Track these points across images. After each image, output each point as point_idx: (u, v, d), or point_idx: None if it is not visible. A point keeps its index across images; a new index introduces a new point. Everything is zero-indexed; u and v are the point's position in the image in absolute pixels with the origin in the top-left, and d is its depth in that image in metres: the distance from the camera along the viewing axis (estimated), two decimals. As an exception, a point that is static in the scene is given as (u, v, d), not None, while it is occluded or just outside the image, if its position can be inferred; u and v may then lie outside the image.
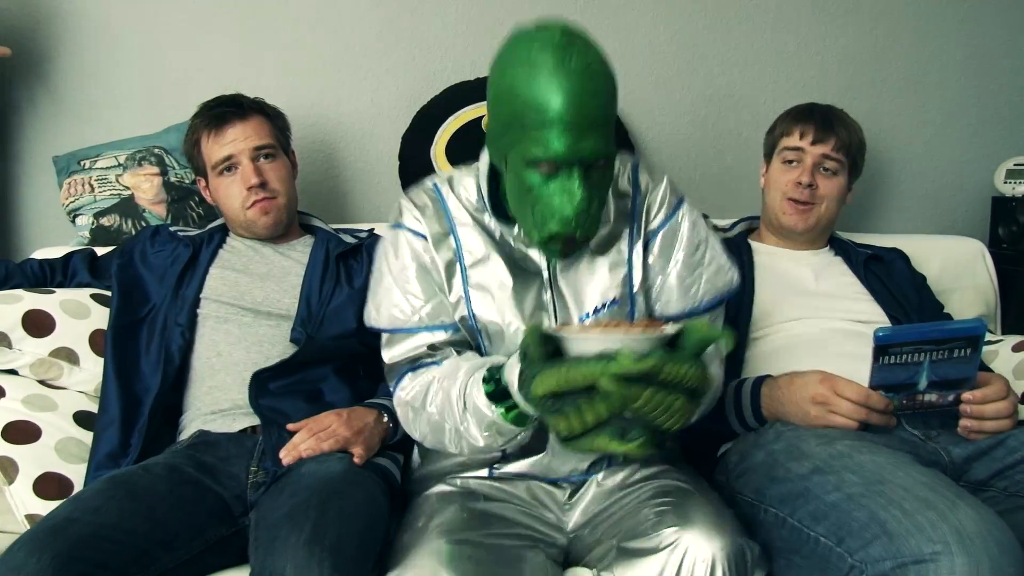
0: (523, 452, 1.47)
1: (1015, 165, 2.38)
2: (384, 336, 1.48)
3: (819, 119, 1.91)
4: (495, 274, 1.43)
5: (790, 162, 1.92)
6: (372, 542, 1.35)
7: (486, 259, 1.44)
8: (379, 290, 1.48)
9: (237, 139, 1.83)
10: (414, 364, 1.44)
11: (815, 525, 1.33)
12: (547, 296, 1.44)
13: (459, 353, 1.43)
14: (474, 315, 1.43)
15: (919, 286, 1.97)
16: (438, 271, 1.45)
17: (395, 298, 1.45)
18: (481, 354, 1.44)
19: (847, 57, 2.51)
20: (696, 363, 1.08)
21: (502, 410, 1.25)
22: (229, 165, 1.83)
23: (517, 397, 1.21)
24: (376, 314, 1.48)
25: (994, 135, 2.58)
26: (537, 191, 1.29)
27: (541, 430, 1.40)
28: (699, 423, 1.61)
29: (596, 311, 1.42)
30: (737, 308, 1.79)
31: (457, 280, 1.45)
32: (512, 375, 1.21)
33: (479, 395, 1.26)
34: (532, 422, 1.27)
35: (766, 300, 1.82)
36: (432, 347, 1.43)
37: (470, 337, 1.45)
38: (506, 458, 1.49)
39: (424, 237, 1.45)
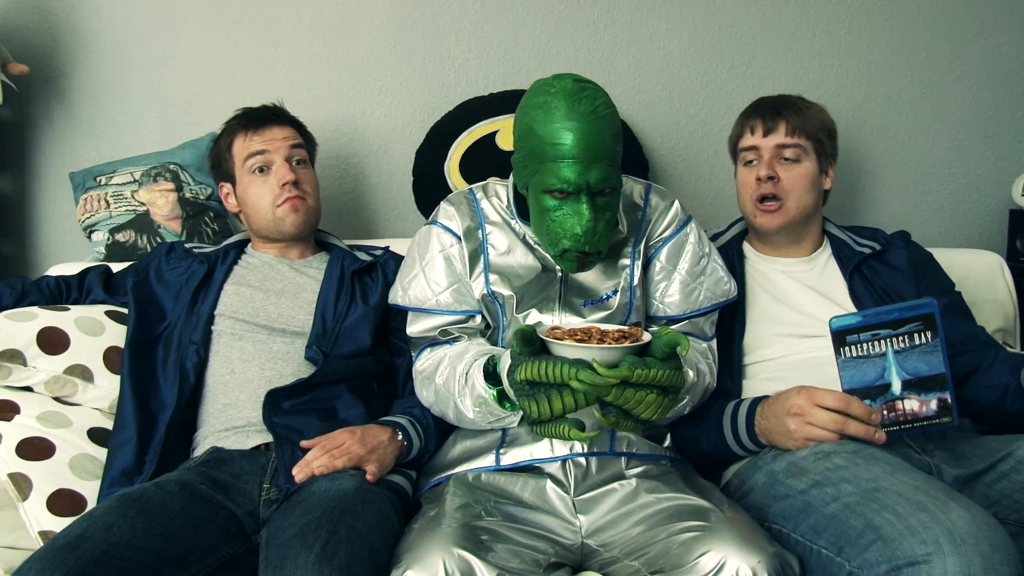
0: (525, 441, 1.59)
1: (1033, 178, 2.36)
2: (409, 314, 1.73)
3: (765, 110, 1.84)
4: (518, 261, 1.66)
5: (750, 162, 1.84)
6: (384, 560, 1.34)
7: (510, 251, 1.67)
8: (408, 274, 1.72)
9: (275, 138, 1.88)
10: (433, 342, 1.69)
11: (817, 538, 1.34)
12: (557, 287, 1.64)
13: (471, 338, 1.68)
14: (493, 292, 1.64)
15: (919, 272, 1.86)
16: (463, 262, 1.67)
17: (420, 282, 1.69)
18: (500, 328, 1.66)
19: (863, 70, 2.50)
20: (664, 365, 1.28)
21: (494, 391, 1.47)
22: (262, 164, 1.86)
23: (504, 381, 1.40)
24: (403, 294, 1.72)
25: (1011, 147, 2.56)
26: (552, 213, 1.52)
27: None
28: (703, 445, 1.66)
29: (601, 299, 1.64)
30: (731, 321, 1.77)
31: (480, 265, 1.66)
32: (504, 363, 1.41)
33: (478, 375, 1.49)
34: (514, 407, 1.47)
35: (759, 318, 1.78)
36: (447, 329, 1.67)
37: (489, 313, 1.67)
38: (509, 443, 1.58)
39: (453, 233, 1.68)
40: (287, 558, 1.25)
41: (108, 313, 1.85)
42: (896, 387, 1.44)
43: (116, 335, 1.81)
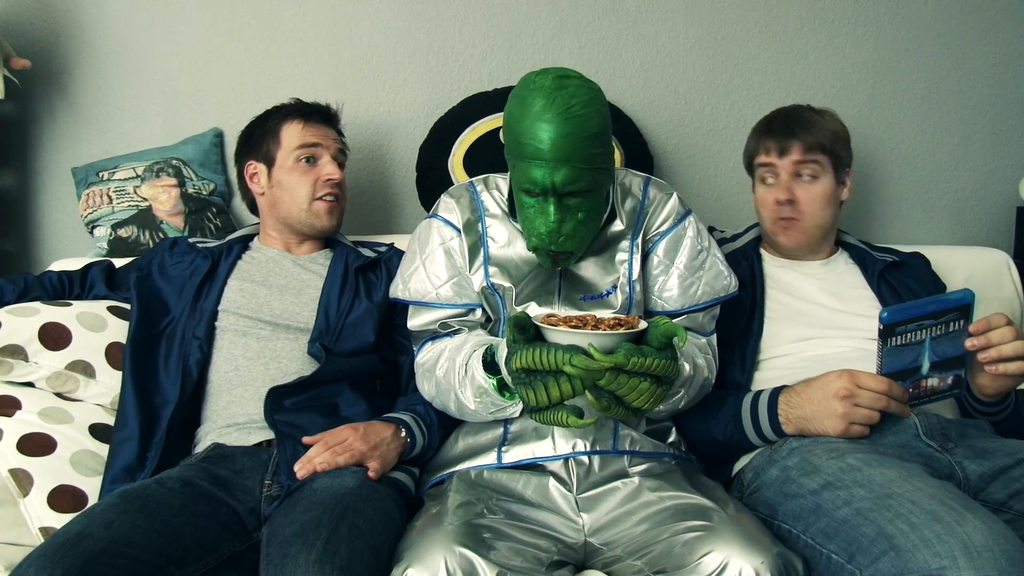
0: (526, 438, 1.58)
1: (1040, 175, 2.36)
2: (410, 308, 1.73)
3: (778, 128, 1.83)
4: (518, 253, 1.65)
5: (767, 180, 1.85)
6: (386, 558, 1.33)
7: (510, 243, 1.66)
8: (408, 268, 1.72)
9: (329, 136, 1.92)
10: (433, 335, 1.68)
11: (827, 542, 1.33)
12: (556, 280, 1.64)
13: (471, 331, 1.68)
14: (493, 285, 1.63)
15: (940, 292, 1.89)
16: (462, 255, 1.67)
17: (420, 276, 1.69)
18: (500, 320, 1.65)
19: (868, 67, 2.48)
20: (660, 355, 1.27)
21: (494, 381, 1.47)
22: (310, 155, 1.87)
23: (503, 370, 1.40)
24: (403, 287, 1.72)
25: (1018, 144, 2.55)
26: (527, 210, 1.54)
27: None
28: (717, 435, 1.65)
29: (601, 295, 1.64)
30: (748, 320, 1.77)
31: (480, 258, 1.66)
32: (501, 352, 1.41)
33: (478, 366, 1.49)
34: (514, 396, 1.46)
35: (776, 318, 1.79)
36: (447, 322, 1.68)
37: (490, 306, 1.66)
38: (512, 440, 1.57)
39: (453, 226, 1.68)
40: (288, 556, 1.24)
41: (110, 309, 1.85)
42: (925, 368, 1.51)
43: (118, 331, 1.81)
